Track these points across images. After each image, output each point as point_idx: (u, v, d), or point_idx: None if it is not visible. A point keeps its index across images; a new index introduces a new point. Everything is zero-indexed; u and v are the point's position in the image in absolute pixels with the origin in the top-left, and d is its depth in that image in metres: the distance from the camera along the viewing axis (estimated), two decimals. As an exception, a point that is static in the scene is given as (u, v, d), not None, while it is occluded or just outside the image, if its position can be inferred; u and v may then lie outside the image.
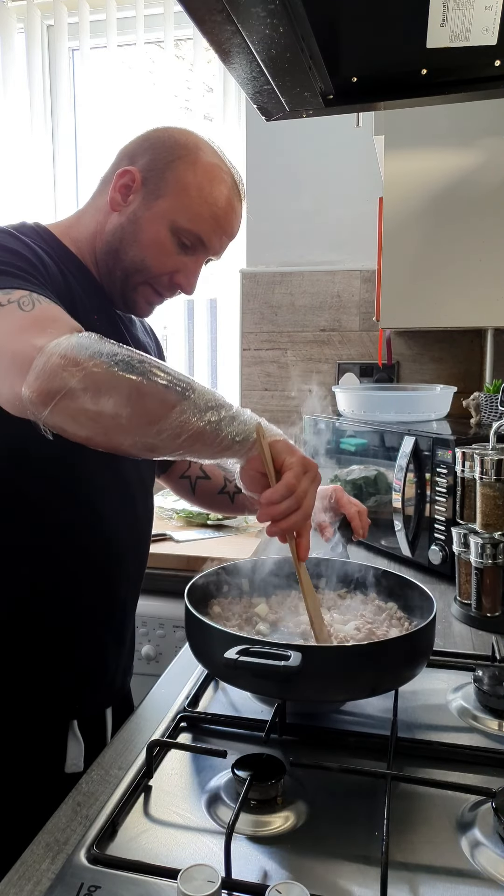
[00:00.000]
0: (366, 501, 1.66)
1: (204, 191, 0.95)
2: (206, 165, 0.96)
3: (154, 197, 0.96)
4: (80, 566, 0.97)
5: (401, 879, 0.61)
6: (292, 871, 0.62)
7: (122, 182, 0.97)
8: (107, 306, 1.02)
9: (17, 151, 2.44)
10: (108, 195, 0.98)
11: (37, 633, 0.95)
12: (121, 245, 0.97)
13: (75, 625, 0.98)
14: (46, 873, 0.63)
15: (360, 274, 2.15)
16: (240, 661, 0.72)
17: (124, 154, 1.00)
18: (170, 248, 0.97)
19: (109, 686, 1.05)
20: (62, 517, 0.94)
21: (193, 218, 0.96)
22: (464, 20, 0.80)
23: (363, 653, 0.80)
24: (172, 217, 0.95)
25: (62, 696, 0.98)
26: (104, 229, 0.99)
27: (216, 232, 0.98)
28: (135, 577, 1.08)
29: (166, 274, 0.99)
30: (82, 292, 0.95)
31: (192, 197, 0.95)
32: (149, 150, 0.98)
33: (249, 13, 0.76)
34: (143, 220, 0.96)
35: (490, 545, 1.20)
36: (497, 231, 1.50)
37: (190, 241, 0.97)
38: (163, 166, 0.96)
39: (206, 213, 0.96)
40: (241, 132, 2.26)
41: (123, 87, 2.37)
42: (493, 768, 0.78)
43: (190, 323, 2.43)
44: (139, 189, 0.97)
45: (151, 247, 0.97)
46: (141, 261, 0.97)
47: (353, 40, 0.87)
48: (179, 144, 0.97)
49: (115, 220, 0.98)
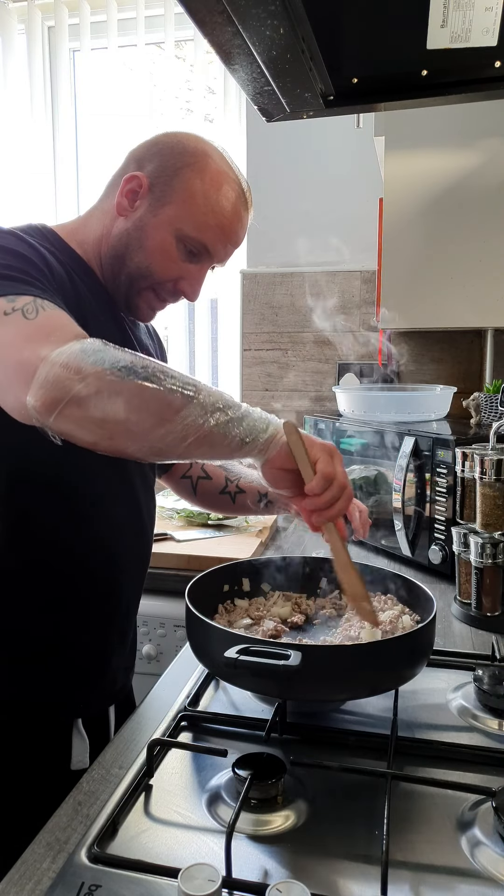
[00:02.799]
0: (366, 501, 1.66)
1: (211, 199, 0.95)
2: (214, 173, 0.96)
3: (161, 203, 0.95)
4: (81, 569, 0.97)
5: (401, 878, 0.61)
6: (293, 870, 0.62)
7: (130, 187, 0.97)
8: (111, 309, 1.02)
9: (17, 152, 2.44)
10: (115, 199, 0.98)
11: (38, 634, 0.95)
12: (126, 250, 0.97)
13: (77, 626, 0.98)
14: (47, 872, 0.63)
15: (361, 274, 2.15)
16: (240, 661, 0.73)
17: (132, 158, 1.00)
18: (175, 255, 0.97)
19: (112, 685, 1.05)
20: (65, 520, 0.94)
21: (199, 226, 0.95)
22: (464, 21, 0.81)
23: (363, 652, 0.80)
24: (178, 224, 0.95)
25: (66, 696, 0.98)
26: (110, 233, 0.99)
27: (221, 240, 0.98)
28: (137, 579, 1.09)
29: (170, 280, 0.99)
30: (89, 294, 0.95)
31: (199, 205, 0.95)
32: (157, 156, 0.97)
33: (250, 14, 0.76)
34: (149, 227, 0.96)
35: (490, 545, 1.20)
36: (497, 231, 1.51)
37: (195, 249, 0.97)
38: (171, 173, 0.95)
39: (212, 221, 0.95)
40: (242, 133, 2.26)
41: (124, 88, 2.38)
42: (493, 767, 0.78)
43: (191, 323, 2.43)
44: (146, 195, 0.96)
45: (156, 253, 0.96)
46: (146, 267, 0.97)
47: (353, 41, 0.88)
48: (188, 151, 0.96)
49: (122, 224, 0.98)
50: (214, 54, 0.88)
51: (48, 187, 2.48)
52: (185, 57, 2.47)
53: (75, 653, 0.98)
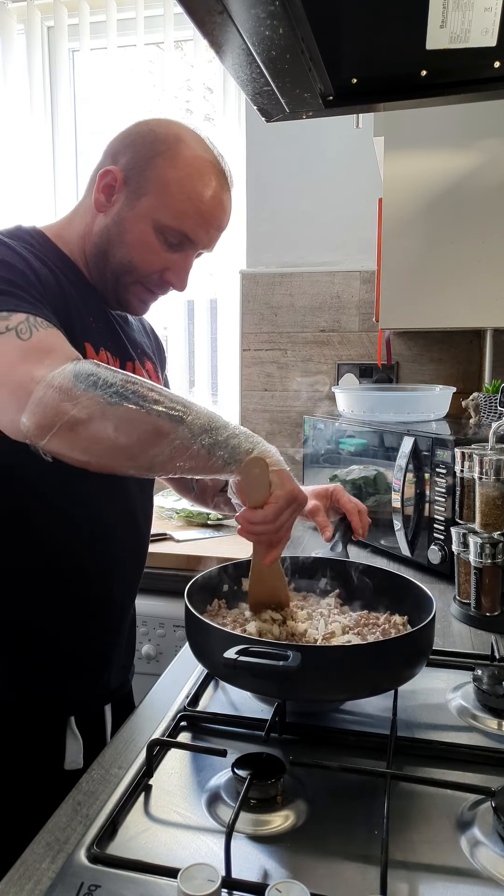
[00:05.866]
0: (365, 501, 1.66)
1: (186, 186, 0.93)
2: (188, 159, 0.94)
3: (136, 196, 0.95)
4: (74, 564, 0.97)
5: (400, 878, 0.61)
6: (292, 870, 0.62)
7: (105, 182, 0.96)
8: (102, 307, 1.02)
9: (16, 152, 2.44)
10: (94, 196, 0.97)
11: (30, 629, 0.95)
12: (108, 247, 0.97)
13: (68, 622, 0.98)
14: (47, 872, 0.63)
15: (360, 274, 2.15)
16: (239, 661, 0.72)
17: (107, 152, 0.99)
18: (156, 247, 0.96)
19: (106, 682, 1.05)
20: (58, 516, 0.94)
21: (177, 215, 0.94)
22: (463, 22, 0.80)
23: (363, 652, 0.80)
24: (155, 216, 0.94)
25: (59, 692, 0.98)
26: (92, 231, 0.98)
27: (202, 227, 0.96)
28: (132, 578, 1.09)
29: (156, 272, 0.98)
30: (77, 295, 0.95)
31: (174, 194, 0.93)
32: (130, 147, 0.96)
33: (249, 14, 0.76)
34: (127, 221, 0.95)
35: (489, 545, 1.20)
36: (497, 231, 1.51)
37: (176, 239, 0.96)
38: (143, 164, 0.94)
39: (189, 209, 0.94)
40: (242, 133, 2.26)
41: (124, 88, 2.38)
42: (493, 767, 0.78)
43: (190, 324, 2.43)
44: (122, 189, 0.95)
45: (137, 247, 0.96)
46: (129, 261, 0.97)
47: (352, 42, 0.88)
48: (159, 139, 0.94)
49: (102, 221, 0.97)
50: (213, 54, 0.88)
51: (48, 187, 2.48)
52: (185, 57, 2.47)
53: (68, 648, 0.98)
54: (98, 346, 0.96)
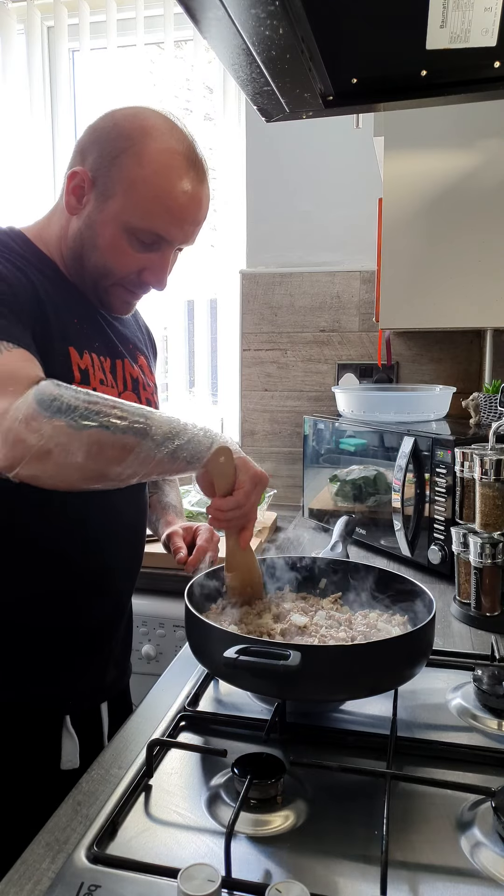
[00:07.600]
0: (366, 501, 1.66)
1: (153, 184, 0.89)
2: (154, 154, 0.89)
3: (104, 198, 0.91)
4: (70, 560, 0.97)
5: (400, 878, 0.61)
6: (292, 870, 0.62)
7: (74, 184, 0.93)
8: (86, 306, 1.00)
9: (16, 152, 2.44)
10: (65, 198, 0.95)
11: (21, 627, 0.95)
12: (83, 251, 0.95)
13: (61, 619, 0.98)
14: (47, 872, 0.63)
15: (360, 275, 2.15)
16: (239, 661, 0.73)
17: (76, 150, 0.96)
18: (129, 249, 0.93)
19: (101, 680, 1.05)
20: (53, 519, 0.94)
21: (146, 215, 0.90)
22: (463, 22, 0.80)
23: (363, 652, 0.80)
24: (125, 218, 0.91)
25: (53, 686, 0.98)
26: (67, 234, 0.96)
27: (175, 224, 0.92)
28: (129, 575, 1.09)
29: (133, 273, 0.96)
30: (58, 298, 0.93)
31: (142, 193, 0.89)
32: (95, 145, 0.92)
33: (249, 14, 0.76)
34: (98, 225, 0.92)
35: (489, 545, 1.20)
36: (496, 231, 1.51)
37: (149, 239, 0.93)
38: (108, 163, 0.90)
39: (158, 208, 0.90)
40: (241, 133, 2.26)
41: (123, 88, 2.37)
42: (493, 767, 0.78)
43: (190, 323, 2.43)
44: (90, 190, 0.92)
45: (110, 251, 0.93)
46: (104, 265, 0.94)
47: (352, 42, 0.87)
48: (123, 135, 0.90)
49: (75, 224, 0.95)
50: (214, 54, 0.88)
51: (47, 188, 2.48)
52: (185, 57, 2.47)
53: (63, 647, 0.98)
54: (83, 348, 0.94)
